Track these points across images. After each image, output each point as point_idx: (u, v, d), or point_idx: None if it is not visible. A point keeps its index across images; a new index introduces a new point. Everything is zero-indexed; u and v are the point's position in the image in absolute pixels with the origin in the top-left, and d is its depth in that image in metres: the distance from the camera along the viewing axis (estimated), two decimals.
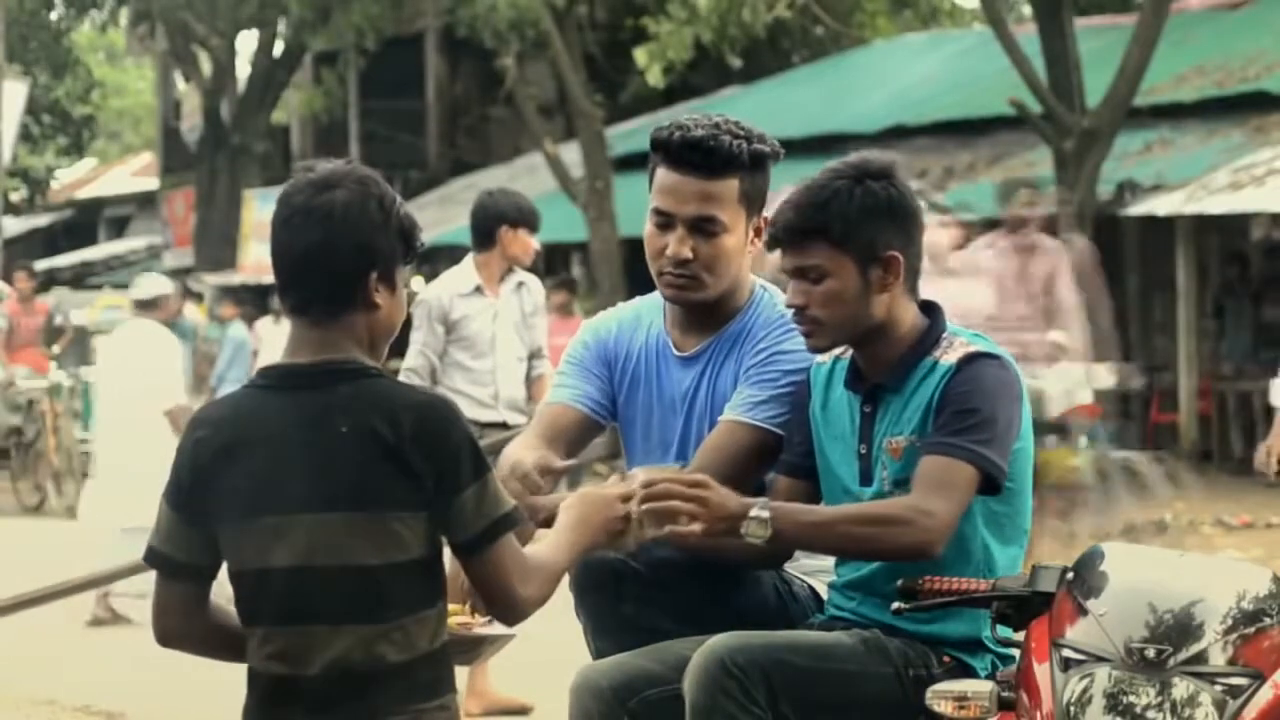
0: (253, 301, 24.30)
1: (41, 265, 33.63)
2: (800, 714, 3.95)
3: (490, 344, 8.69)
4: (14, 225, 38.16)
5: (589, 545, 3.73)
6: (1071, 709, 3.52)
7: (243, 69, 31.03)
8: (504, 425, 8.54)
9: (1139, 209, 18.72)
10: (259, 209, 27.30)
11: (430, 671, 3.47)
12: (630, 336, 4.54)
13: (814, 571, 4.39)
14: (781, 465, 4.29)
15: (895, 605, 3.94)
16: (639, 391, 4.49)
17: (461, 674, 3.66)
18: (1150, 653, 3.51)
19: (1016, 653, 3.90)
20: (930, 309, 4.20)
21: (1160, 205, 18.43)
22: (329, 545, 3.40)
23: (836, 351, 4.24)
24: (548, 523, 4.35)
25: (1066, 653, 3.59)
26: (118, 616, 11.22)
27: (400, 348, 9.87)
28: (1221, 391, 19.69)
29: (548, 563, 3.57)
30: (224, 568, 3.55)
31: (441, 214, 25.11)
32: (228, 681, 3.92)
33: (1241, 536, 14.89)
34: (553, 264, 25.92)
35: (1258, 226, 20.63)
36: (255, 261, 26.71)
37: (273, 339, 22.14)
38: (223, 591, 3.58)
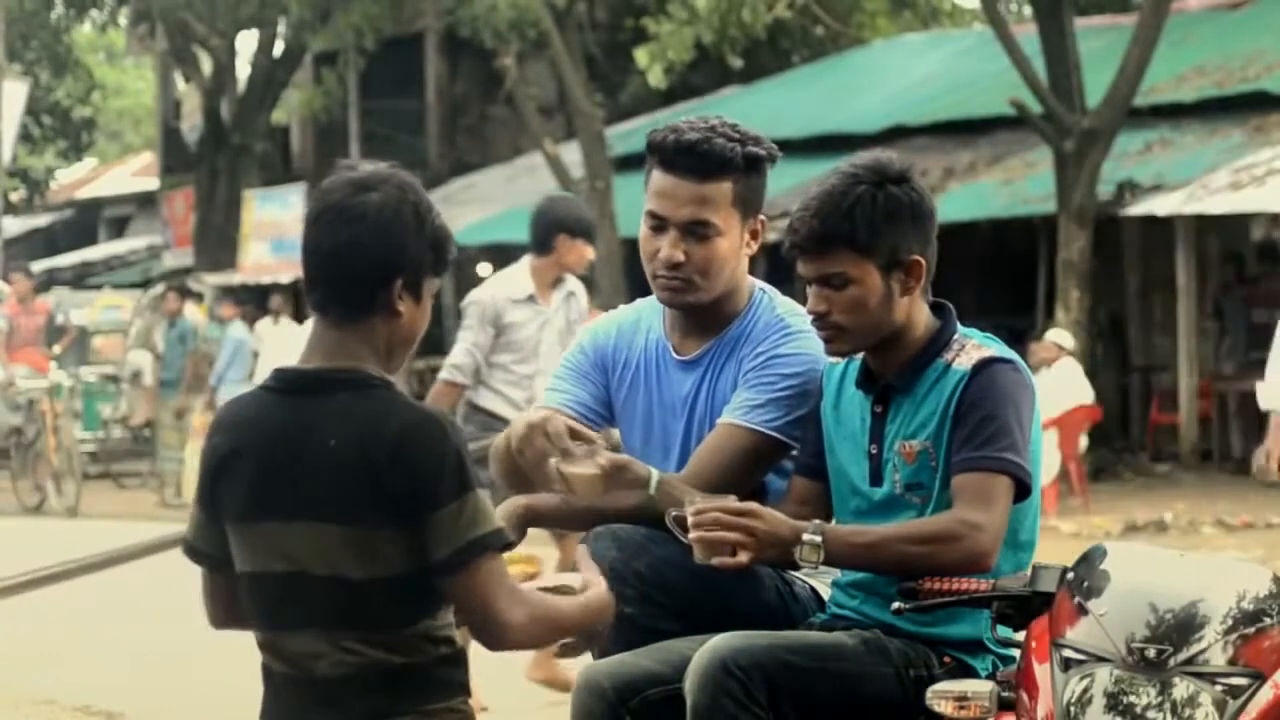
0: (253, 301, 24.30)
1: (41, 265, 33.64)
2: (801, 714, 3.95)
3: (535, 350, 8.71)
4: (14, 225, 38.16)
5: (590, 626, 3.65)
6: (1072, 709, 3.52)
7: (243, 69, 30.99)
8: None
9: (1139, 209, 18.72)
10: (259, 209, 27.29)
11: (440, 674, 3.45)
12: (630, 341, 4.54)
13: (814, 572, 4.39)
14: (798, 466, 4.30)
15: (895, 605, 3.93)
16: (638, 396, 4.49)
17: None
18: (1151, 653, 3.51)
19: (1017, 653, 3.90)
20: (941, 309, 4.19)
21: (1160, 205, 18.44)
22: (319, 554, 3.39)
23: None
24: (538, 521, 4.34)
25: (1067, 653, 3.59)
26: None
27: (435, 346, 9.84)
28: (1221, 392, 19.69)
29: (555, 604, 3.49)
30: None
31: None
32: (227, 681, 3.94)
33: (1241, 536, 14.90)
34: None
35: (1257, 226, 20.64)
36: (255, 261, 26.70)
37: (273, 339, 22.16)
38: None
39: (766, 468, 4.33)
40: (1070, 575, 3.76)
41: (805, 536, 3.92)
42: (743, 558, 3.90)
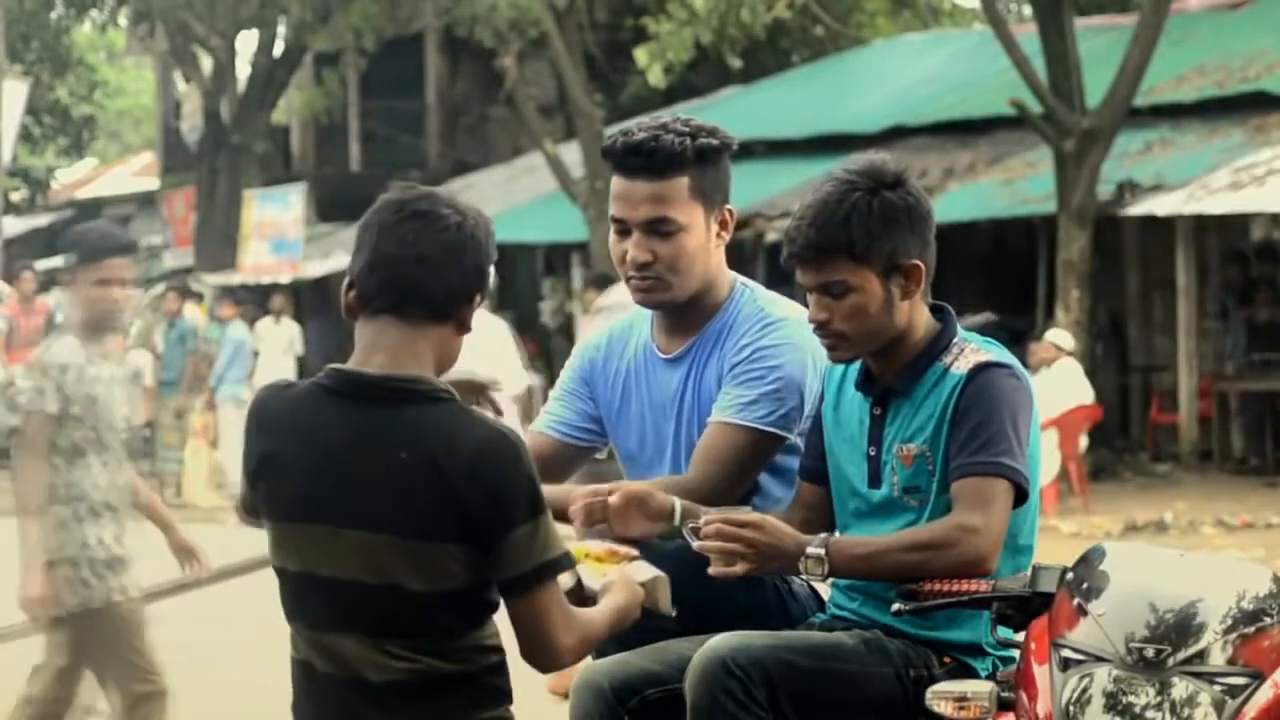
0: (253, 301, 24.29)
1: (42, 265, 33.65)
2: (801, 714, 3.95)
3: None
4: (14, 225, 38.14)
5: (621, 628, 3.69)
6: (1071, 709, 3.52)
7: (243, 69, 31.01)
8: None
9: (1139, 209, 18.73)
10: (259, 209, 27.28)
11: (489, 682, 3.45)
12: (621, 349, 4.55)
13: None
14: (802, 470, 4.30)
15: (895, 606, 3.94)
16: (631, 401, 4.49)
17: None
18: (1150, 653, 3.51)
19: (1017, 654, 3.90)
20: (940, 312, 4.19)
21: (1160, 205, 18.45)
22: (373, 564, 3.36)
23: None
24: None
25: (1066, 653, 3.59)
26: None
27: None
28: (1222, 391, 19.70)
29: (592, 620, 3.53)
30: None
31: None
32: (227, 682, 3.93)
33: (1241, 536, 14.91)
34: (553, 264, 25.92)
35: (1258, 226, 20.66)
36: (255, 261, 26.69)
37: (273, 339, 22.16)
38: None
39: (764, 463, 4.34)
40: (1070, 575, 3.76)
41: (810, 550, 3.92)
42: (739, 569, 3.91)
